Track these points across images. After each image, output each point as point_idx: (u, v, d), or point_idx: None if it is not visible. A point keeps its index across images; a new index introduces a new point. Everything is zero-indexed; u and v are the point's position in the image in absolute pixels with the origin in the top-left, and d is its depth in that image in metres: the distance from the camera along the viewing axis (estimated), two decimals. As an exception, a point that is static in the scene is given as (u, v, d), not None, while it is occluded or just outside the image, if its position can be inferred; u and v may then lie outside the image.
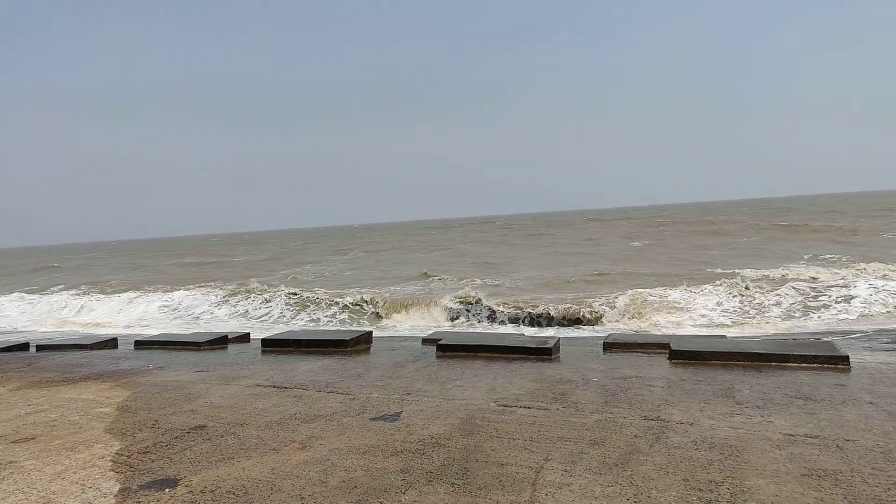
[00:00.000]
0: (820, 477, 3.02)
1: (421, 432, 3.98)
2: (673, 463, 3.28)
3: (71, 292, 27.79)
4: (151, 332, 14.77)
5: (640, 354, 6.45)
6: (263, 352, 7.61)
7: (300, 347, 7.60)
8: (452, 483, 3.11)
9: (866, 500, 2.75)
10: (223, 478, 3.34)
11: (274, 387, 5.54)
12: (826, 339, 6.21)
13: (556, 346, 6.63)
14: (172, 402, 5.16)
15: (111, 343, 9.06)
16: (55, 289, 31.05)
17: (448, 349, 6.84)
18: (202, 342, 8.23)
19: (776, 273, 17.45)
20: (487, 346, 6.73)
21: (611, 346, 6.88)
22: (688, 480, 3.05)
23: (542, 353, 6.41)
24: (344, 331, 8.50)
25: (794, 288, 14.67)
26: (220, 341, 8.52)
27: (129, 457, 3.78)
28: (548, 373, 5.64)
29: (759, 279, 16.62)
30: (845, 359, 5.43)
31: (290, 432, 4.12)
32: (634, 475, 3.14)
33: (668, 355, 6.14)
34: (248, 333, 9.33)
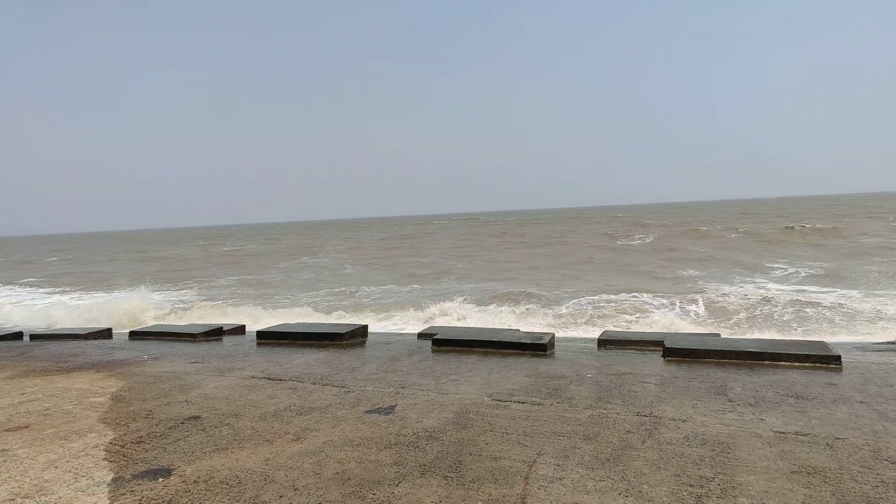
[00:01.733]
0: (809, 474, 3.05)
1: (415, 425, 3.99)
2: (665, 458, 3.31)
3: None
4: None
5: (634, 351, 6.48)
6: (259, 344, 7.61)
7: (296, 340, 7.61)
8: (445, 476, 3.13)
9: (854, 498, 2.78)
10: (217, 468, 3.35)
11: (269, 379, 5.55)
12: (818, 340, 6.25)
13: (551, 342, 6.66)
14: (167, 392, 5.16)
15: (106, 333, 9.05)
16: None
17: (443, 344, 6.86)
18: (197, 333, 8.23)
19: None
20: (482, 341, 6.74)
21: (605, 342, 6.91)
22: (679, 476, 3.07)
23: (537, 348, 6.44)
24: (340, 324, 8.51)
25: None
26: (216, 333, 8.51)
27: (122, 446, 3.78)
28: (542, 368, 5.66)
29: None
30: (837, 358, 5.47)
31: (285, 424, 4.13)
32: (626, 470, 3.16)
33: (662, 352, 6.17)
34: (244, 326, 9.33)
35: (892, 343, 6.87)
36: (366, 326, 8.05)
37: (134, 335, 8.67)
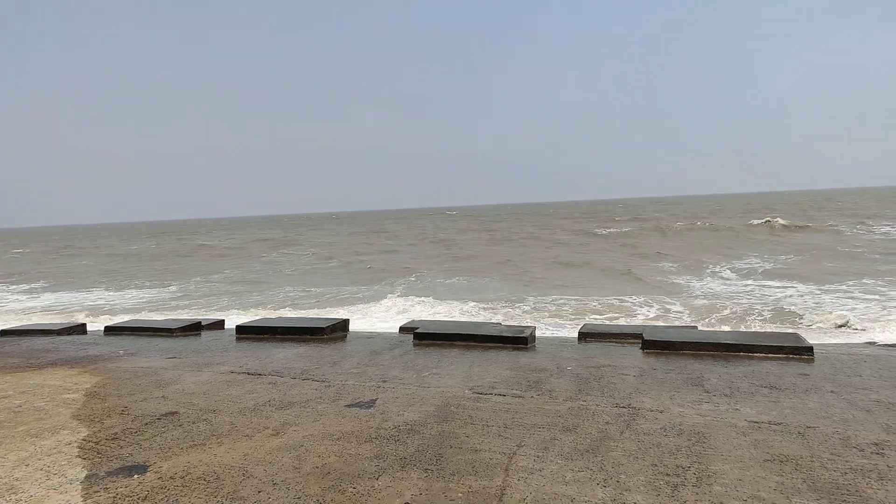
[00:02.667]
0: (781, 462, 3.12)
1: (396, 419, 3.99)
2: (642, 449, 3.36)
3: None
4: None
5: (613, 344, 6.56)
6: (238, 339, 7.52)
7: (276, 335, 7.53)
8: (426, 468, 3.13)
9: (824, 485, 2.85)
10: (194, 464, 3.31)
11: (248, 374, 5.49)
12: (792, 332, 6.38)
13: (532, 336, 6.70)
14: (143, 388, 5.07)
15: (79, 329, 8.85)
16: None
17: (425, 337, 6.86)
18: (175, 328, 8.10)
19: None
20: (464, 334, 6.76)
21: (585, 335, 6.98)
22: (656, 465, 3.12)
23: (518, 341, 6.47)
24: (320, 318, 8.44)
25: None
26: (194, 328, 8.39)
27: (96, 443, 3.71)
28: (523, 361, 5.69)
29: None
30: (810, 349, 5.60)
31: (264, 419, 4.09)
32: (605, 461, 3.20)
33: (641, 345, 6.25)
34: (223, 320, 9.20)
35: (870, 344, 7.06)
36: (347, 321, 8.01)
37: (109, 330, 8.50)
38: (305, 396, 4.63)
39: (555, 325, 9.63)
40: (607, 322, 8.07)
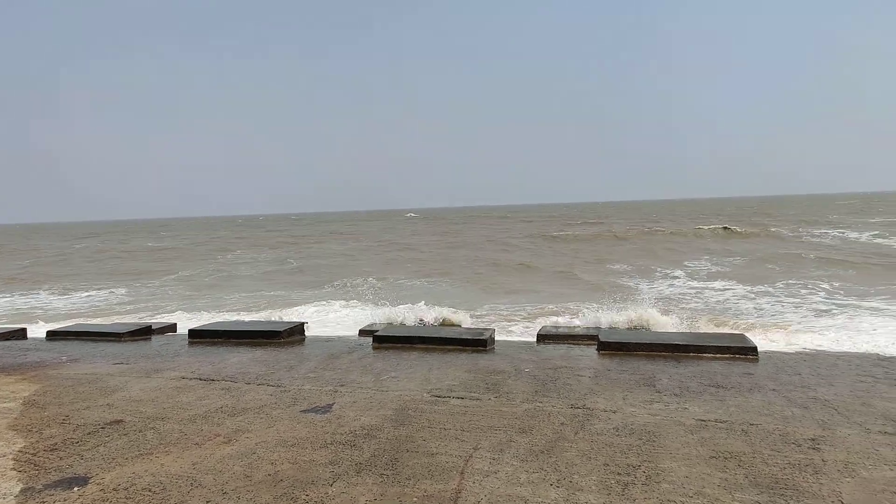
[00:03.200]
0: (726, 459, 3.25)
1: (352, 424, 3.94)
2: (595, 449, 3.43)
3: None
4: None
5: (571, 346, 6.68)
6: (191, 343, 7.29)
7: (230, 339, 7.34)
8: (381, 474, 3.11)
9: (764, 480, 2.98)
10: (139, 474, 3.18)
11: (200, 379, 5.32)
12: (738, 333, 6.66)
13: (492, 338, 6.76)
14: (86, 396, 4.84)
15: (19, 333, 8.38)
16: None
17: (384, 340, 6.81)
18: (123, 333, 7.77)
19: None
20: (424, 337, 6.75)
21: (544, 337, 7.08)
22: (608, 465, 3.19)
23: (478, 344, 6.51)
24: (277, 322, 8.28)
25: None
26: (144, 332, 8.08)
27: (34, 454, 3.52)
28: (482, 363, 5.73)
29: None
30: (754, 349, 5.85)
31: (215, 426, 3.98)
32: (559, 461, 3.25)
33: (597, 346, 6.40)
34: (175, 324, 8.89)
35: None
36: (304, 324, 7.88)
37: (52, 335, 8.09)
38: (260, 402, 4.53)
39: (514, 327, 9.74)
40: (565, 324, 8.22)
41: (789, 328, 7.54)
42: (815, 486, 2.90)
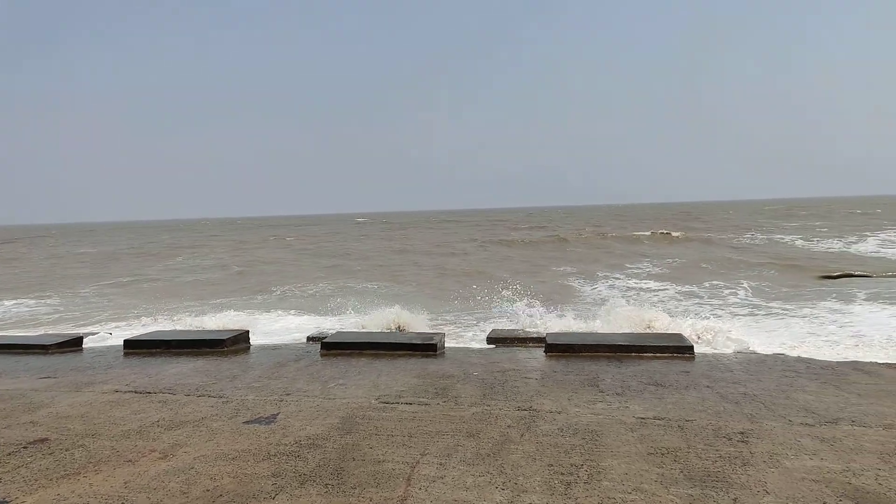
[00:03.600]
0: (663, 455, 3.38)
1: (297, 434, 3.85)
2: (540, 450, 3.49)
3: None
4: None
5: (519, 348, 6.79)
6: (126, 354, 6.93)
7: (170, 348, 7.02)
8: (326, 484, 3.05)
9: (698, 473, 3.13)
10: (65, 496, 2.99)
11: (136, 392, 5.07)
12: (675, 333, 6.96)
13: (442, 342, 6.77)
14: (7, 413, 4.51)
15: (-70, 348, 7.71)
16: None
17: (333, 347, 6.71)
18: (50, 344, 7.30)
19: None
20: (373, 343, 6.69)
21: (493, 340, 7.17)
22: (552, 465, 3.26)
23: (428, 348, 6.51)
24: (221, 330, 7.99)
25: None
26: (74, 343, 7.62)
27: (-57, 480, 3.24)
28: (431, 368, 5.73)
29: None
30: (691, 348, 6.13)
31: (151, 441, 3.79)
32: (505, 464, 3.29)
33: (544, 348, 6.53)
34: (109, 334, 8.43)
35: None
36: (249, 332, 7.64)
37: (-32, 349, 7.49)
38: (200, 414, 4.35)
39: (465, 331, 9.80)
40: (514, 327, 8.34)
41: (722, 327, 7.95)
42: (743, 477, 3.06)
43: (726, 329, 7.01)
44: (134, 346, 7.11)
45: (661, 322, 7.56)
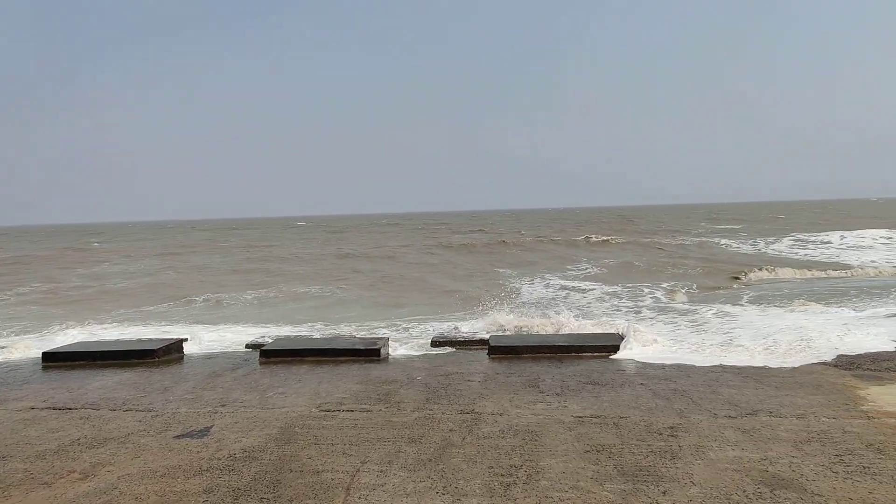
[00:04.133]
0: (598, 452, 3.49)
1: (232, 446, 3.71)
2: (481, 453, 3.53)
3: None
4: None
5: (463, 351, 6.84)
6: (45, 367, 6.45)
7: (95, 360, 6.60)
8: (262, 498, 2.95)
9: (631, 468, 3.25)
10: (-32, 527, 2.75)
11: (54, 409, 4.73)
12: (612, 332, 7.22)
13: (386, 347, 6.72)
14: None
15: None
16: None
17: (272, 355, 6.51)
18: (-44, 360, 6.69)
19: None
20: (315, 349, 6.55)
21: (438, 343, 7.18)
22: (492, 468, 3.29)
23: (371, 353, 6.44)
24: (152, 340, 7.59)
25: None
26: (-16, 358, 7.01)
27: None
28: (374, 374, 5.67)
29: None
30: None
31: (70, 461, 3.55)
32: (446, 468, 3.30)
33: (487, 351, 6.60)
34: (27, 345, 7.82)
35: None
36: (182, 340, 7.30)
37: None
38: (126, 430, 4.11)
39: (408, 335, 9.77)
40: (458, 330, 8.40)
41: (652, 326, 8.35)
42: (672, 470, 3.20)
43: (658, 327, 7.33)
44: (54, 359, 6.63)
45: (571, 325, 7.87)
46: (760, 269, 17.97)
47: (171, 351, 6.93)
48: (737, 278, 17.00)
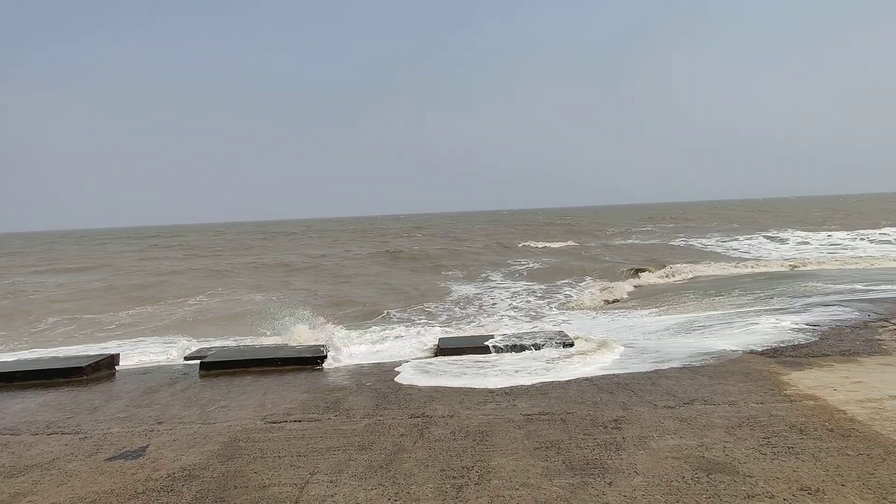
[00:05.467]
0: (547, 448, 3.56)
1: (171, 466, 3.52)
2: (433, 456, 3.52)
3: None
4: None
5: (412, 355, 6.80)
6: (-46, 392, 5.89)
7: (13, 381, 6.08)
8: (204, 518, 2.82)
9: (578, 462, 3.33)
10: None
11: (-34, 437, 4.32)
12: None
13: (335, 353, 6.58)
14: None
15: None
16: None
17: (214, 367, 6.24)
18: None
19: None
20: (259, 359, 6.33)
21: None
22: (444, 470, 3.29)
23: (318, 361, 6.30)
24: (79, 356, 7.10)
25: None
26: None
27: None
28: (322, 382, 5.55)
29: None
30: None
31: (-14, 493, 3.26)
32: (397, 474, 3.26)
33: (435, 352, 6.60)
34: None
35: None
36: (114, 356, 6.87)
37: None
38: (50, 455, 3.82)
39: (359, 339, 9.64)
40: (405, 332, 8.37)
41: (582, 321, 8.67)
42: (617, 461, 3.31)
43: (587, 326, 7.56)
44: (-35, 382, 6.07)
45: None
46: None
47: (101, 367, 6.50)
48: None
